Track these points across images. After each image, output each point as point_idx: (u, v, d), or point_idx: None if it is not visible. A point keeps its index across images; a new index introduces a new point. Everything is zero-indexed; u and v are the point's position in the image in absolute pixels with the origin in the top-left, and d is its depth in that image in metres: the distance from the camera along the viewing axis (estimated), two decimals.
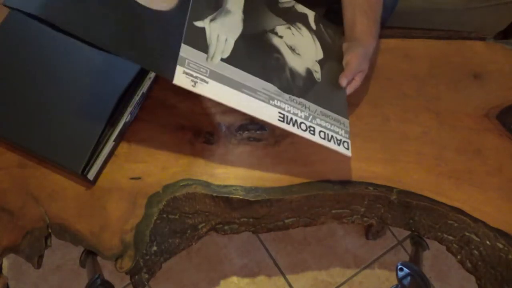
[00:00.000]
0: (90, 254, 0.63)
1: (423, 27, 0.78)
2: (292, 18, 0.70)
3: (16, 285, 1.13)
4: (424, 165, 0.65)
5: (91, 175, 0.63)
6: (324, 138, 0.60)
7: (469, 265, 0.62)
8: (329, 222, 0.67)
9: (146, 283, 0.63)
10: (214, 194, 0.63)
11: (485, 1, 0.78)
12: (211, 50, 0.58)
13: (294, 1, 0.73)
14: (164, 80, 0.57)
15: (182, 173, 0.65)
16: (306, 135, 0.59)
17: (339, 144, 0.60)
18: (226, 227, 0.65)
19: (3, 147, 0.67)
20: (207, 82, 0.55)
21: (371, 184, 0.64)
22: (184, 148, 0.67)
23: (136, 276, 0.62)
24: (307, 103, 0.62)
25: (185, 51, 0.56)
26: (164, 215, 0.63)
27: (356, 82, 0.67)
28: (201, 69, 0.56)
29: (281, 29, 0.67)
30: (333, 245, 1.17)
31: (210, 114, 0.70)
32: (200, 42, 0.58)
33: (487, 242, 0.60)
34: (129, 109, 0.66)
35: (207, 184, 0.64)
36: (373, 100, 0.71)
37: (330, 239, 1.18)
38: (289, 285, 1.13)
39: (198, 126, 0.68)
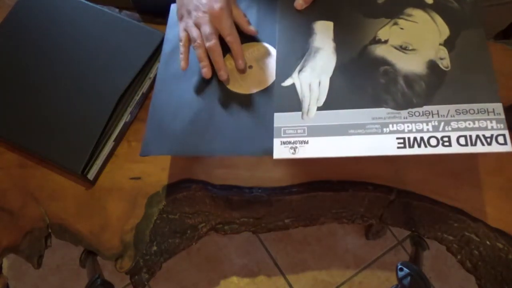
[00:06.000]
0: (90, 254, 0.63)
1: None
2: (396, 7, 0.59)
3: (16, 285, 1.13)
4: (424, 165, 0.65)
5: (91, 175, 0.63)
6: (466, 144, 0.49)
7: (469, 265, 0.62)
8: (329, 222, 0.67)
9: (146, 283, 0.63)
10: (214, 194, 0.63)
11: (485, 1, 0.77)
12: (305, 104, 0.54)
13: None
14: None
15: (182, 173, 0.65)
16: (440, 150, 0.49)
17: (489, 143, 0.49)
18: (226, 227, 0.65)
19: (3, 147, 0.68)
20: (307, 142, 0.52)
21: (371, 184, 0.64)
22: None
23: (136, 276, 0.62)
24: (434, 108, 0.52)
25: (279, 119, 0.54)
26: (164, 215, 0.63)
27: None
28: (298, 131, 0.53)
29: (384, 31, 0.58)
30: (333, 245, 1.17)
31: None
32: (292, 102, 0.54)
33: (487, 242, 0.60)
34: (129, 109, 0.66)
35: (207, 184, 0.64)
36: None
37: (330, 239, 1.18)
38: (289, 285, 1.13)
39: None
